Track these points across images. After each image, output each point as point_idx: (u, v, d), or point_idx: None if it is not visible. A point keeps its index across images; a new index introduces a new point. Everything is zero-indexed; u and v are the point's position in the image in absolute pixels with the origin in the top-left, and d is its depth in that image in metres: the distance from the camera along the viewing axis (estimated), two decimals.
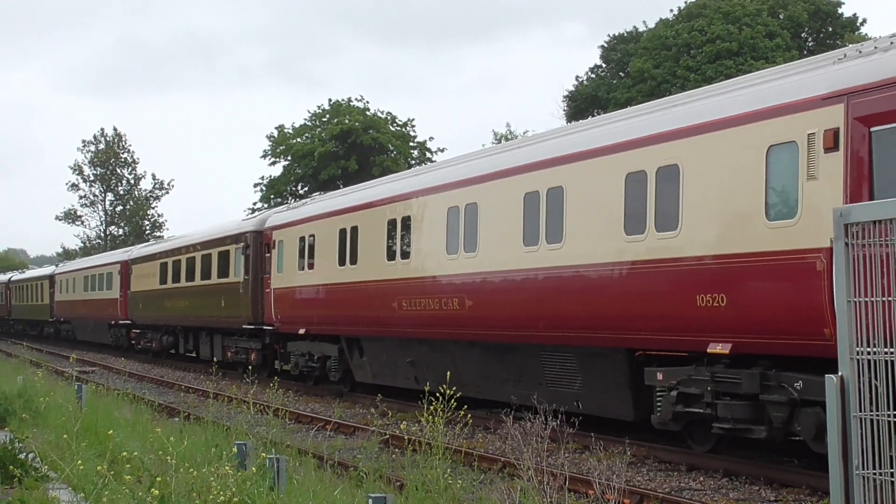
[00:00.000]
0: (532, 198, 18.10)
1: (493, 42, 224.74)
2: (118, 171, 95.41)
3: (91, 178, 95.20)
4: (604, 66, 63.91)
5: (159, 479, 9.94)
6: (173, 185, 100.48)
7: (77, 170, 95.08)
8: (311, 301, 27.34)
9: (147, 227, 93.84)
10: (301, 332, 27.88)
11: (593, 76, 63.89)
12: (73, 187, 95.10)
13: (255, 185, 69.58)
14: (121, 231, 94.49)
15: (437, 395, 12.20)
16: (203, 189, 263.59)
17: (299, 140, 66.57)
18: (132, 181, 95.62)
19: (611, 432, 17.37)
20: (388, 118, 67.64)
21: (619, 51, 62.36)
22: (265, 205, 65.57)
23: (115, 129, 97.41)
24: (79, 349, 52.68)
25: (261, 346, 31.86)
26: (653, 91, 51.22)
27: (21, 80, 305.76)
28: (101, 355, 48.75)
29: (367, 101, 68.66)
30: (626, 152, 15.96)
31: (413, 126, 68.52)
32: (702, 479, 14.67)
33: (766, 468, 14.55)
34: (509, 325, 18.79)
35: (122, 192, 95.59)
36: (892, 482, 5.74)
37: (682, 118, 15.10)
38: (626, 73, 59.92)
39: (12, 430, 15.52)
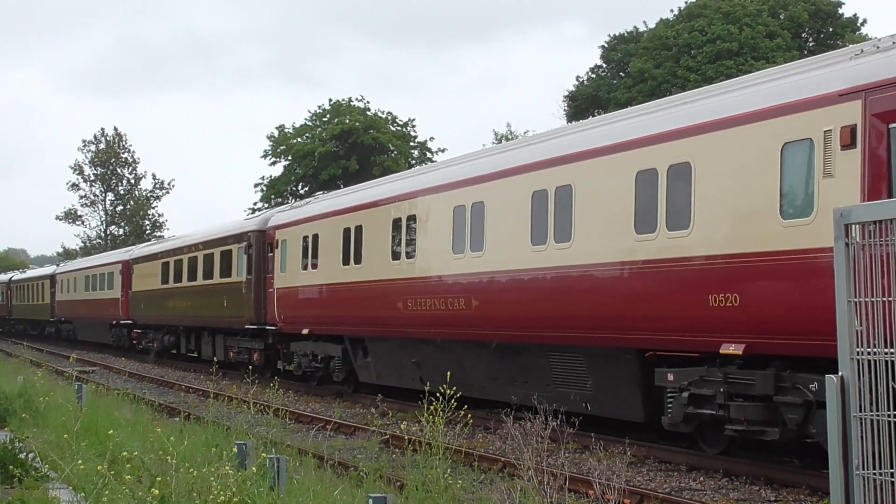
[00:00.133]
0: (540, 196, 17.89)
1: (493, 42, 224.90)
2: (118, 170, 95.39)
3: (91, 177, 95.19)
4: (604, 66, 63.81)
5: (159, 478, 9.94)
6: (173, 185, 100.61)
7: (77, 169, 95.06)
8: (315, 301, 27.13)
9: (147, 227, 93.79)
10: (304, 332, 27.67)
11: (594, 76, 63.77)
12: (74, 187, 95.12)
13: (255, 185, 69.57)
14: (121, 231, 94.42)
15: (440, 395, 12.15)
16: (203, 189, 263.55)
17: (300, 140, 66.42)
18: (132, 181, 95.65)
19: (611, 432, 17.32)
20: (389, 118, 67.50)
21: (620, 51, 62.25)
22: (265, 205, 65.42)
23: (115, 128, 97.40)
24: (79, 349, 52.52)
25: (263, 347, 31.68)
26: (653, 91, 51.04)
27: (21, 80, 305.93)
28: (102, 355, 48.61)
29: (368, 101, 68.63)
30: (636, 150, 15.76)
31: (414, 126, 68.51)
32: (702, 479, 14.62)
33: (767, 468, 14.48)
34: (517, 326, 18.59)
35: (122, 192, 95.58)
36: (892, 482, 5.76)
37: (695, 115, 14.88)
38: (626, 74, 59.77)
39: (12, 430, 15.44)
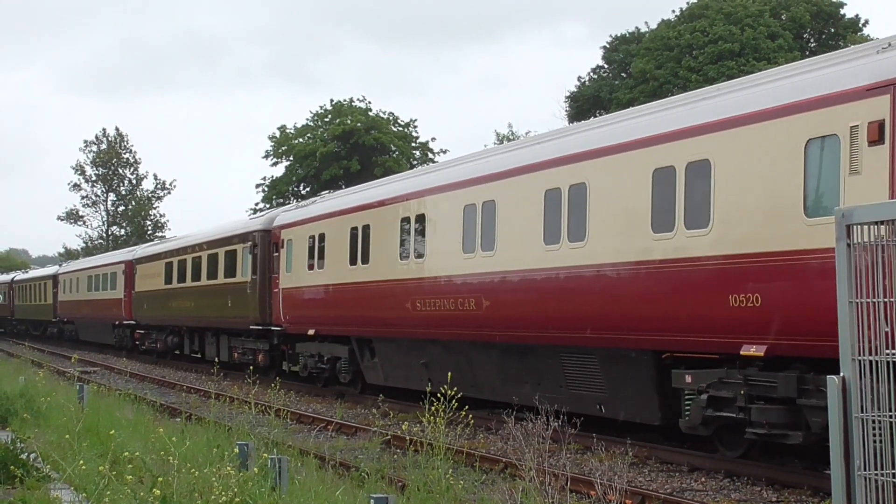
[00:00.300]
0: (553, 195, 17.58)
1: (493, 42, 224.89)
2: (120, 171, 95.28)
3: (93, 178, 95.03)
4: (606, 66, 63.58)
5: (161, 479, 9.92)
6: (175, 186, 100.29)
7: (79, 170, 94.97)
8: (321, 301, 26.82)
9: (149, 228, 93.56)
10: (310, 332, 27.35)
11: (595, 77, 63.53)
12: (76, 187, 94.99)
13: (256, 185, 69.45)
14: (123, 231, 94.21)
15: (446, 396, 12.14)
16: (204, 189, 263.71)
17: (301, 140, 66.20)
18: (134, 181, 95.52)
19: (612, 433, 17.21)
20: (391, 119, 67.29)
21: (621, 51, 62.05)
22: (267, 205, 65.28)
23: (117, 129, 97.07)
24: (81, 350, 52.26)
25: (268, 347, 31.39)
26: (655, 92, 50.80)
27: (22, 80, 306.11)
28: (103, 356, 48.36)
29: (370, 102, 68.43)
30: (653, 147, 15.45)
31: (415, 127, 68.34)
32: (703, 479, 14.53)
33: (768, 469, 14.33)
34: (529, 326, 18.28)
35: (124, 193, 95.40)
36: (893, 483, 5.74)
37: (714, 111, 14.56)
38: (628, 74, 59.51)
39: (14, 431, 15.39)
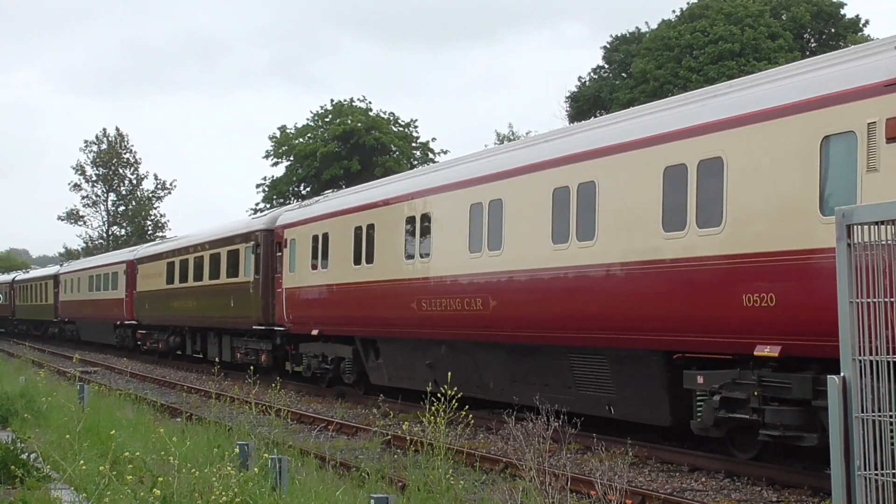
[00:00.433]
0: (562, 193, 17.37)
1: (493, 42, 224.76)
2: (120, 171, 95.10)
3: (93, 178, 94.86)
4: (606, 66, 63.42)
5: (161, 479, 9.92)
6: (175, 186, 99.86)
7: (79, 170, 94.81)
8: (325, 301, 26.61)
9: (149, 228, 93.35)
10: (314, 332, 27.15)
11: (595, 77, 63.35)
12: (76, 187, 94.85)
13: (257, 185, 69.29)
14: (123, 231, 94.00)
15: (446, 396, 12.12)
16: (204, 189, 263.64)
17: (301, 140, 66.02)
18: (134, 181, 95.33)
19: (612, 433, 17.13)
20: (391, 119, 67.12)
21: (622, 51, 61.91)
22: (267, 205, 65.16)
23: (117, 129, 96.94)
24: (82, 350, 52.08)
25: (271, 348, 31.17)
26: (655, 92, 50.67)
27: (22, 81, 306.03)
28: (104, 356, 48.15)
29: (370, 102, 68.26)
30: (664, 145, 15.23)
31: (416, 127, 68.21)
32: (704, 479, 14.49)
33: (768, 469, 14.24)
34: (537, 326, 18.07)
35: (124, 193, 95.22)
36: (893, 483, 5.74)
37: (727, 108, 14.34)
38: (628, 74, 59.33)
39: (14, 431, 15.35)
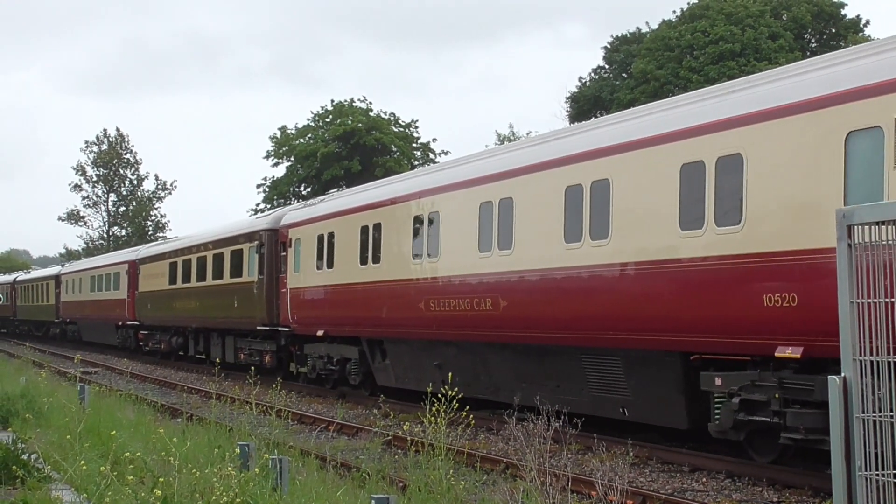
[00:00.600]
0: (574, 191, 17.06)
1: (494, 43, 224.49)
2: (121, 171, 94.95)
3: (94, 178, 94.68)
4: (606, 67, 63.26)
5: (162, 479, 9.90)
6: (176, 186, 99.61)
7: (80, 170, 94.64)
8: (330, 301, 26.30)
9: (150, 228, 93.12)
10: (319, 333, 26.84)
11: (596, 77, 63.17)
12: (76, 188, 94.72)
13: (257, 185, 69.27)
14: (124, 232, 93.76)
15: (447, 396, 12.11)
16: (205, 190, 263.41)
17: (302, 141, 65.83)
18: (135, 182, 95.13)
19: (613, 433, 17.00)
20: (391, 119, 66.92)
21: (622, 52, 61.77)
22: (268, 206, 65.17)
23: (117, 129, 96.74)
24: (83, 350, 51.80)
25: (276, 349, 30.86)
26: (655, 92, 50.60)
27: (23, 81, 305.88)
28: (105, 356, 47.86)
29: (371, 102, 68.17)
30: (681, 141, 14.92)
31: (417, 127, 68.13)
32: (704, 480, 14.45)
33: (769, 469, 14.13)
34: (548, 327, 17.75)
35: (124, 193, 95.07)
36: (894, 483, 5.72)
37: (746, 103, 14.04)
38: (628, 75, 59.14)
39: (15, 431, 15.22)
